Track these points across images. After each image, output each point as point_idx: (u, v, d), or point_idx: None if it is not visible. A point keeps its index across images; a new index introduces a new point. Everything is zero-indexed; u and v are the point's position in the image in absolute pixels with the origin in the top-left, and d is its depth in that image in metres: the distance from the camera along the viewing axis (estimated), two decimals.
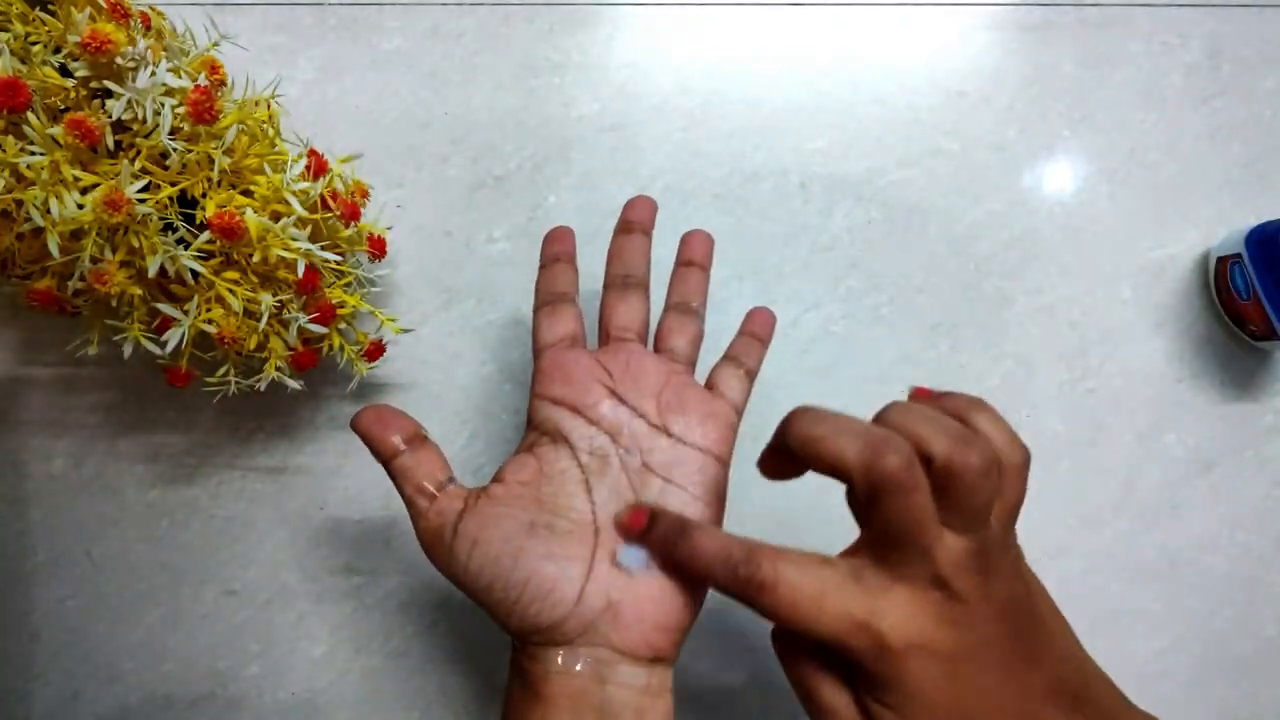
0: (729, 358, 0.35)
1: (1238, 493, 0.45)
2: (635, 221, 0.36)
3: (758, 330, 0.37)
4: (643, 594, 0.28)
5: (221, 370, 0.36)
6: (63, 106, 0.30)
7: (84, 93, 0.30)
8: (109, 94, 0.30)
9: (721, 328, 0.37)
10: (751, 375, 0.35)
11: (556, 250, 0.36)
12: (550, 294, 0.35)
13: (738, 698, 0.43)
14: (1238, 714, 0.44)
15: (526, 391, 0.44)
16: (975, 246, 0.46)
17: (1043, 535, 0.44)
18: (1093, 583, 0.44)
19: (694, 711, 0.43)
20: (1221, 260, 0.44)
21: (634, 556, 0.29)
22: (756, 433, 0.45)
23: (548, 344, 0.33)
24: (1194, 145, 0.46)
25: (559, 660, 0.27)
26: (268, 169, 0.33)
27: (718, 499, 0.31)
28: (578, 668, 0.27)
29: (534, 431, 0.32)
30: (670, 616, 0.28)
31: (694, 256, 0.36)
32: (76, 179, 0.30)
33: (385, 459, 0.30)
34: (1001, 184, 0.46)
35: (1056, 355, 0.45)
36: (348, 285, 0.38)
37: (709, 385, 0.34)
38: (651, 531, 0.28)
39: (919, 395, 0.28)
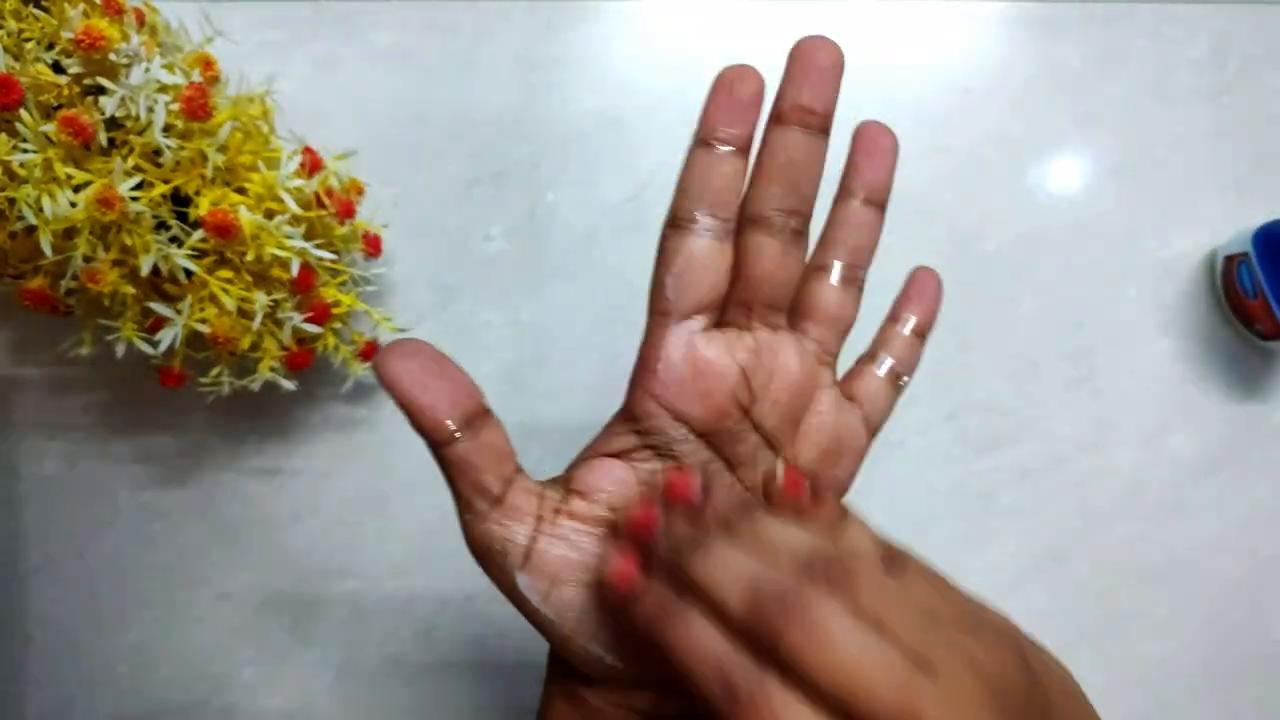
0: (876, 357, 0.27)
1: (1245, 494, 0.44)
2: (812, 109, 0.22)
3: (919, 317, 0.28)
4: None
5: (215, 371, 0.35)
6: (56, 103, 0.30)
7: (77, 89, 0.30)
8: (102, 91, 0.30)
9: None
10: (902, 386, 0.27)
11: (740, 124, 0.22)
12: (710, 212, 0.22)
13: None
14: (1245, 717, 0.44)
15: (526, 394, 0.43)
16: (980, 244, 0.45)
17: (1048, 538, 0.44)
18: (1099, 585, 0.44)
19: None
20: (1228, 259, 0.44)
21: None
22: None
23: (680, 312, 0.22)
24: (1201, 142, 0.46)
25: (618, 692, 0.23)
26: (262, 166, 0.33)
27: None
28: (637, 701, 0.23)
29: (634, 435, 0.23)
30: None
31: (873, 183, 0.25)
32: (69, 177, 0.30)
33: (436, 441, 0.21)
34: (1006, 181, 0.45)
35: (1062, 355, 0.45)
36: (343, 284, 0.38)
37: (846, 389, 0.26)
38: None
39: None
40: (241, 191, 0.33)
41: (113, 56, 0.29)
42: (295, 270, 0.33)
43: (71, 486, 0.42)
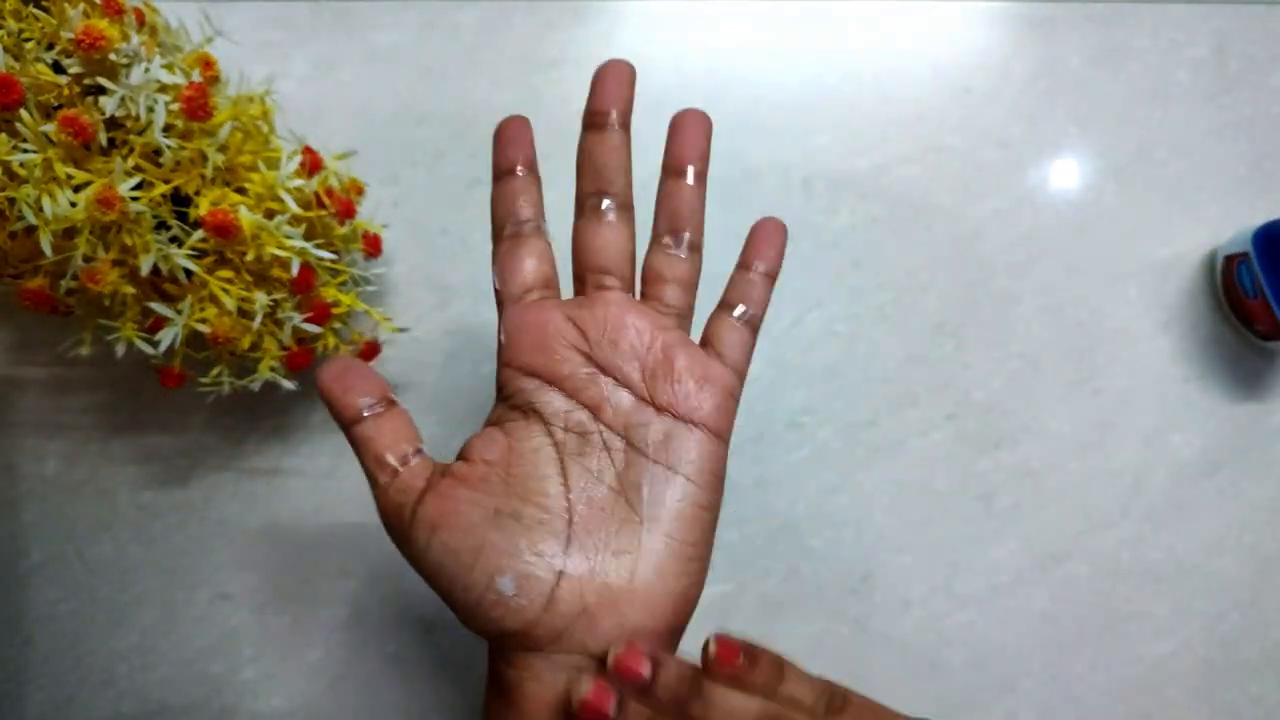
0: (725, 304, 0.29)
1: (1245, 494, 0.44)
2: (607, 112, 0.28)
3: (763, 257, 0.29)
4: (623, 595, 0.25)
5: (215, 371, 0.35)
6: (56, 103, 0.30)
7: (77, 89, 0.30)
8: (102, 90, 0.30)
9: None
10: (755, 325, 0.29)
11: (513, 155, 0.28)
12: (509, 222, 0.28)
13: None
14: (1246, 717, 0.44)
15: None
16: (980, 244, 0.45)
17: (1048, 538, 0.44)
18: (1099, 585, 0.44)
19: None
20: (1229, 259, 0.44)
21: None
22: (759, 432, 0.44)
23: (512, 296, 0.28)
24: (1201, 142, 0.46)
25: (532, 667, 0.25)
26: (262, 166, 0.33)
27: (716, 481, 0.27)
28: (551, 676, 0.24)
29: (503, 404, 0.28)
30: (656, 621, 0.25)
31: (686, 157, 0.29)
32: (69, 177, 0.29)
33: (345, 424, 0.26)
34: (1007, 181, 0.45)
35: (1062, 355, 0.45)
36: (343, 284, 0.38)
37: (704, 341, 0.29)
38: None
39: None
40: (242, 191, 0.33)
41: (113, 56, 0.29)
42: (295, 270, 0.33)
43: (71, 486, 0.42)
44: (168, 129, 0.30)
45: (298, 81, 0.44)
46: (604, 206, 0.28)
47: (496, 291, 0.28)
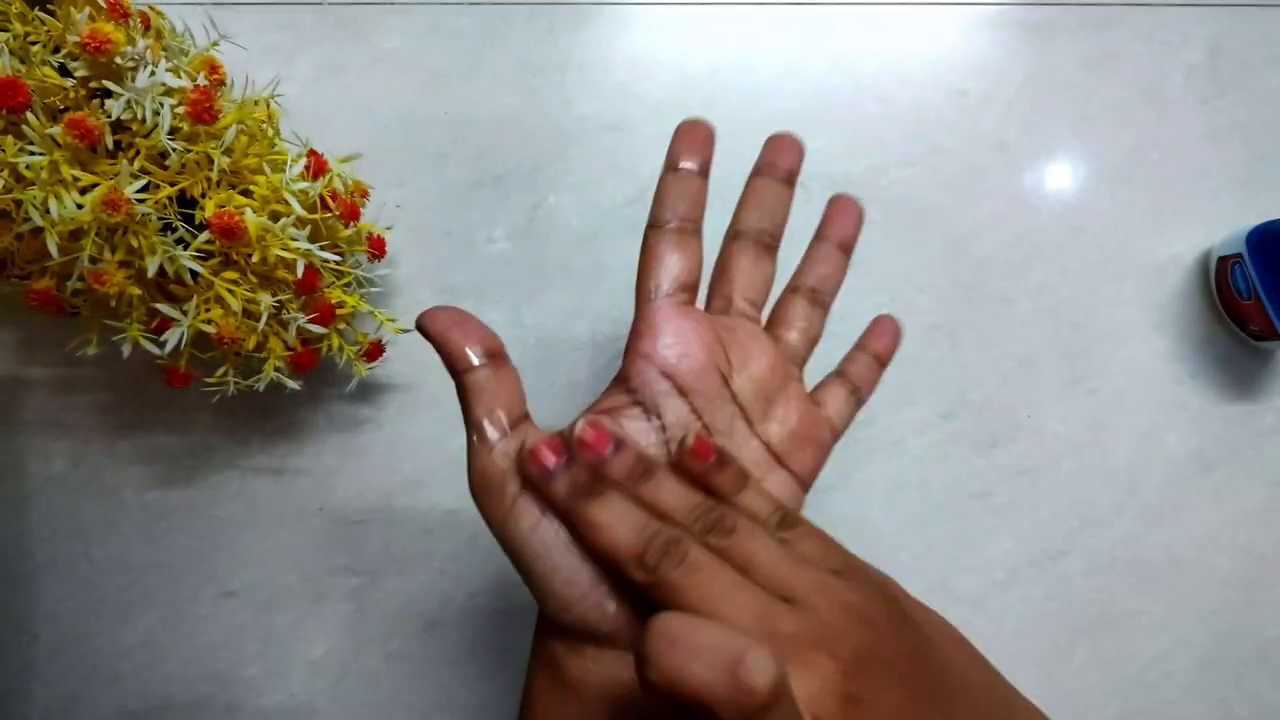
0: (843, 374, 0.31)
1: (1239, 493, 0.45)
2: (782, 167, 0.30)
3: (880, 349, 0.32)
4: None
5: (220, 371, 0.36)
6: (62, 106, 0.30)
7: (83, 92, 0.30)
8: (108, 94, 0.30)
9: None
10: (861, 402, 0.31)
11: (696, 154, 0.28)
12: (675, 217, 0.28)
13: None
14: (1239, 715, 0.44)
15: (527, 393, 0.44)
16: (977, 246, 0.45)
17: (1044, 536, 0.44)
18: (1094, 584, 0.44)
19: None
20: (1222, 260, 0.44)
21: None
22: None
23: (660, 290, 0.27)
24: (1195, 145, 0.46)
25: (600, 659, 0.24)
26: (267, 169, 0.33)
27: None
28: (614, 666, 0.24)
29: (625, 394, 0.26)
30: None
31: (842, 234, 0.31)
32: (75, 179, 0.30)
33: (457, 371, 0.24)
34: (1003, 184, 0.46)
35: (1058, 356, 0.45)
36: (347, 285, 0.38)
37: (814, 396, 0.30)
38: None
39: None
40: (247, 194, 0.33)
41: (118, 60, 0.29)
42: (300, 272, 0.33)
43: (77, 485, 0.43)
44: (173, 132, 0.31)
45: (303, 85, 0.44)
46: (763, 243, 0.29)
47: (643, 277, 0.28)
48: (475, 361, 0.24)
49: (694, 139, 0.28)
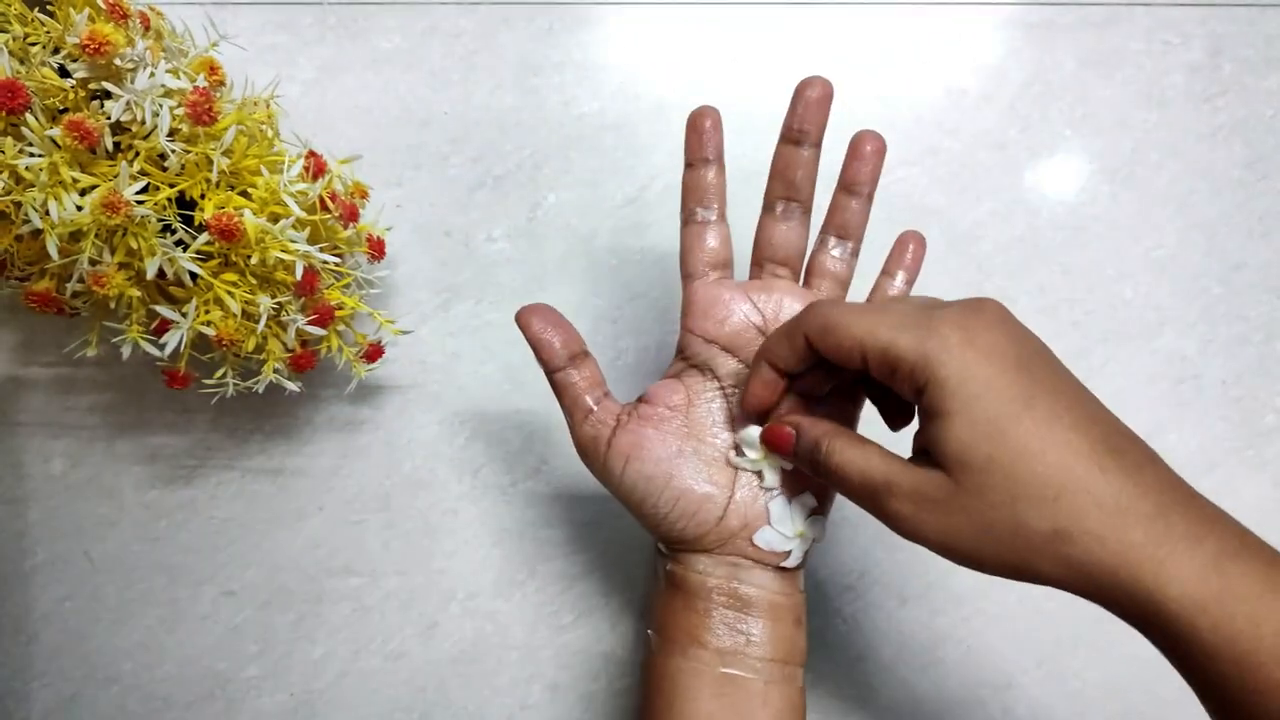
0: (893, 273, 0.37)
1: (1239, 493, 0.45)
2: (805, 131, 0.32)
3: (909, 263, 0.36)
4: None
5: (220, 372, 0.36)
6: (61, 108, 0.30)
7: (83, 94, 0.30)
8: (108, 95, 0.30)
9: None
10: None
11: (708, 147, 0.33)
12: (699, 208, 0.34)
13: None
14: None
15: (528, 394, 0.44)
16: (977, 246, 0.45)
17: None
18: None
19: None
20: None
21: (768, 539, 0.32)
22: None
23: (697, 272, 0.34)
24: (1195, 145, 0.46)
25: (700, 565, 0.32)
26: (266, 170, 0.33)
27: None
28: (717, 571, 0.32)
29: (682, 361, 0.34)
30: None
31: (859, 180, 0.34)
32: (75, 180, 0.30)
33: (550, 369, 0.32)
34: (1003, 183, 0.46)
35: (1058, 355, 0.45)
36: (346, 286, 0.38)
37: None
38: (797, 447, 0.30)
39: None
40: (246, 195, 0.33)
41: (118, 61, 0.29)
42: (299, 273, 0.33)
43: (77, 486, 0.43)
44: (173, 133, 0.31)
45: (302, 86, 0.44)
46: (790, 209, 0.34)
47: (683, 264, 0.34)
48: (563, 361, 0.32)
49: (700, 134, 0.33)
